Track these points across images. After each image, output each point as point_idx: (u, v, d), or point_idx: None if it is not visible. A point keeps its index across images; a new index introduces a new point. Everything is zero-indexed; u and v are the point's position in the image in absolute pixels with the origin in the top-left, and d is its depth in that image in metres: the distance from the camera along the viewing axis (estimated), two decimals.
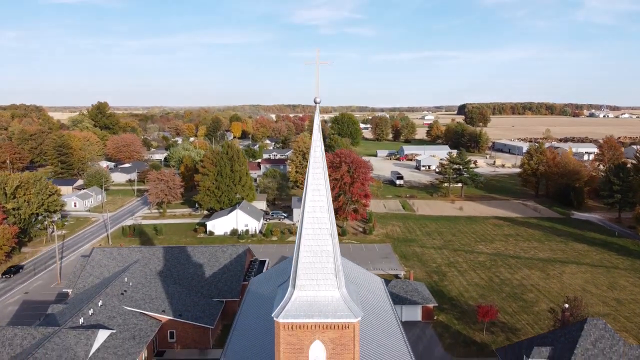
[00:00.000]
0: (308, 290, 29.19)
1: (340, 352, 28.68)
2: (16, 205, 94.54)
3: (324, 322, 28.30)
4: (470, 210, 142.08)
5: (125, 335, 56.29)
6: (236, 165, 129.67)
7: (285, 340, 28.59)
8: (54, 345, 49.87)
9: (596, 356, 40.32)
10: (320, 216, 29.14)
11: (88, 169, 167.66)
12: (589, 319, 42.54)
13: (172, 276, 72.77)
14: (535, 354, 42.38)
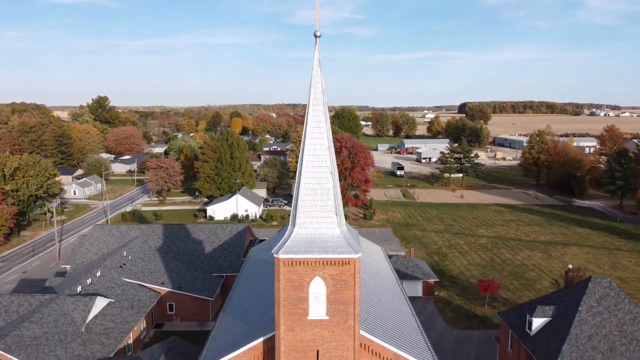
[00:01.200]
0: (308, 227, 28.74)
1: (341, 288, 28.21)
2: (15, 187, 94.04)
3: (324, 257, 27.83)
4: (471, 198, 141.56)
5: (124, 304, 55.78)
6: (236, 152, 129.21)
7: (285, 276, 28.11)
8: (51, 310, 49.36)
9: (601, 313, 39.76)
10: (321, 154, 28.67)
11: (88, 158, 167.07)
12: (593, 277, 41.97)
13: (172, 252, 72.27)
14: (538, 313, 41.84)
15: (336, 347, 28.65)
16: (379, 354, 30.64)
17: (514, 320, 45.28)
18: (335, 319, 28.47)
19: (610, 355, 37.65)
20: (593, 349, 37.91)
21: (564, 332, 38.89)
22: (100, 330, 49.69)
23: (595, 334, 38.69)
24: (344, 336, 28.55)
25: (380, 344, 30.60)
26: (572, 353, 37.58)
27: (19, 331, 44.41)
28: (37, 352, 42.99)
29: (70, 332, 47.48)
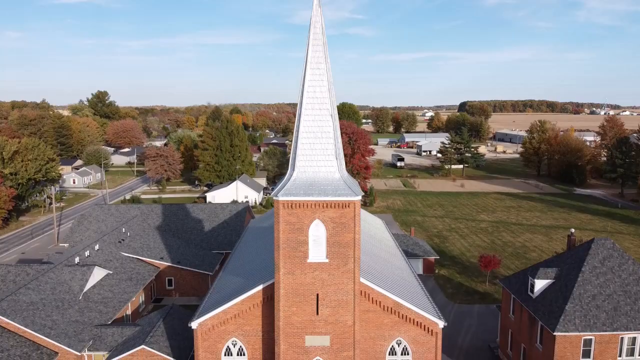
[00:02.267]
0: (308, 171, 28.31)
1: (341, 231, 27.74)
2: (13, 170, 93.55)
3: (323, 200, 27.37)
4: (472, 187, 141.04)
5: (122, 276, 55.31)
6: (236, 140, 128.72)
7: (284, 219, 27.65)
8: (48, 279, 48.88)
9: (605, 274, 39.23)
10: (321, 96, 28.21)
11: (87, 148, 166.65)
12: (596, 239, 41.45)
13: (171, 230, 71.78)
14: (540, 275, 41.30)
15: (336, 291, 28.19)
16: (379, 302, 30.16)
17: (516, 285, 44.77)
18: (335, 262, 28.01)
19: (615, 315, 37.13)
20: (597, 308, 37.39)
21: (567, 292, 38.36)
22: (98, 299, 49.20)
23: (599, 293, 38.17)
24: (344, 279, 28.09)
25: (381, 291, 30.13)
26: (575, 312, 37.06)
27: (15, 296, 43.94)
28: (33, 316, 42.49)
29: (68, 299, 46.98)
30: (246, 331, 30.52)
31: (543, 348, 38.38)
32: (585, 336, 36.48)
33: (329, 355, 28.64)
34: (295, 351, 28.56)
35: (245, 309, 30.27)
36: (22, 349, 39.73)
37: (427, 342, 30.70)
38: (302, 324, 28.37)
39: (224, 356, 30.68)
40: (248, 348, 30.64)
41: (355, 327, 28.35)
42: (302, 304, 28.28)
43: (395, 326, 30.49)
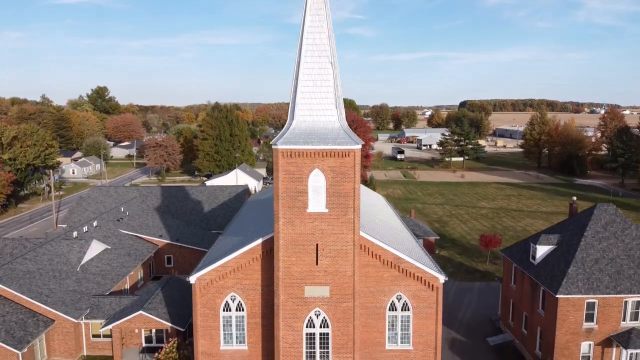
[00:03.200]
0: (307, 120, 27.93)
1: (340, 181, 27.35)
2: (12, 155, 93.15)
3: (323, 148, 26.99)
4: (472, 177, 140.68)
5: (120, 252, 54.89)
6: (235, 130, 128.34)
7: (284, 168, 27.26)
8: (45, 250, 48.51)
9: (607, 238, 38.82)
10: (320, 43, 27.81)
11: (87, 139, 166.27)
12: (598, 204, 41.07)
13: (170, 211, 71.40)
14: (542, 241, 40.89)
15: (335, 241, 27.79)
16: (378, 256, 29.77)
17: (517, 254, 44.39)
18: (334, 212, 27.62)
19: (618, 278, 36.72)
20: (600, 271, 36.98)
21: (569, 256, 37.96)
22: (95, 272, 48.81)
23: (602, 257, 37.77)
24: (344, 229, 27.70)
25: (381, 245, 29.75)
26: (578, 275, 36.64)
27: (11, 265, 43.56)
28: (30, 284, 42.10)
29: (65, 270, 46.59)
30: (245, 286, 30.11)
31: (545, 313, 37.97)
32: (589, 299, 36.06)
33: (328, 307, 28.24)
34: (294, 302, 28.15)
35: (244, 263, 29.86)
36: (18, 316, 39.33)
37: (428, 298, 30.31)
38: (301, 274, 27.97)
39: (223, 311, 30.27)
40: (247, 303, 30.22)
41: (355, 277, 27.96)
42: (302, 254, 27.87)
43: (396, 281, 30.09)
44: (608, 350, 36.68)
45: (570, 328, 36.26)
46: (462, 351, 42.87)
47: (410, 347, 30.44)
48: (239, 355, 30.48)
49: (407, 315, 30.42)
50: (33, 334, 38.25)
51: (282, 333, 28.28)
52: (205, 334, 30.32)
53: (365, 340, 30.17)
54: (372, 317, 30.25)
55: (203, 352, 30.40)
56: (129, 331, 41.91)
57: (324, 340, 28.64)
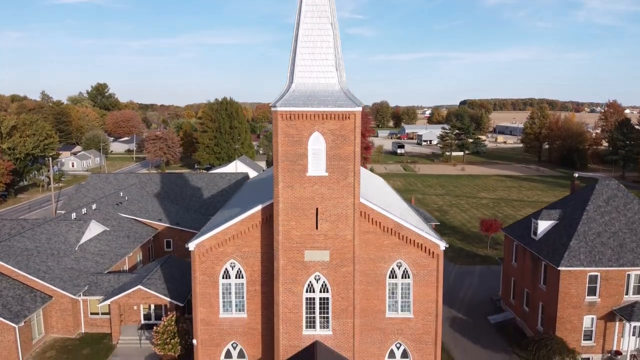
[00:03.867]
0: (307, 82, 27.64)
1: (340, 144, 27.06)
2: (11, 145, 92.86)
3: (323, 110, 26.68)
4: (472, 171, 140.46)
5: (119, 234, 54.60)
6: (235, 122, 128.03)
7: (283, 131, 26.97)
8: (44, 230, 48.25)
9: (610, 212, 38.53)
10: (320, 3, 27.49)
11: (86, 133, 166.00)
12: (600, 179, 40.77)
13: (170, 197, 71.10)
14: (544, 216, 40.60)
15: (336, 205, 27.49)
16: (379, 223, 29.45)
17: (518, 231, 44.12)
18: (334, 176, 27.32)
19: (621, 251, 36.44)
20: (602, 244, 36.70)
21: (571, 230, 37.69)
22: (94, 251, 48.52)
23: (604, 231, 37.50)
24: (344, 193, 27.39)
25: (381, 212, 29.43)
26: (580, 248, 36.37)
27: (9, 242, 43.29)
28: (27, 260, 41.82)
29: (63, 249, 46.30)
30: (245, 253, 29.80)
31: (547, 287, 37.69)
32: (591, 272, 35.78)
33: (328, 271, 27.93)
34: (294, 266, 27.84)
35: (244, 230, 29.55)
36: (16, 291, 39.04)
37: (429, 265, 29.99)
38: (301, 238, 27.67)
39: (222, 279, 29.97)
40: (247, 270, 29.91)
41: (355, 242, 27.65)
42: (302, 218, 27.57)
43: (396, 248, 29.77)
44: (611, 324, 36.40)
45: (572, 302, 35.98)
46: (463, 329, 42.62)
47: (411, 315, 30.12)
48: (238, 323, 30.18)
49: (407, 283, 30.11)
50: (30, 308, 37.97)
51: (281, 298, 27.98)
52: (205, 301, 30.01)
53: (366, 308, 29.86)
54: (372, 284, 29.94)
55: (202, 320, 30.09)
56: (127, 308, 41.64)
57: (324, 305, 28.34)
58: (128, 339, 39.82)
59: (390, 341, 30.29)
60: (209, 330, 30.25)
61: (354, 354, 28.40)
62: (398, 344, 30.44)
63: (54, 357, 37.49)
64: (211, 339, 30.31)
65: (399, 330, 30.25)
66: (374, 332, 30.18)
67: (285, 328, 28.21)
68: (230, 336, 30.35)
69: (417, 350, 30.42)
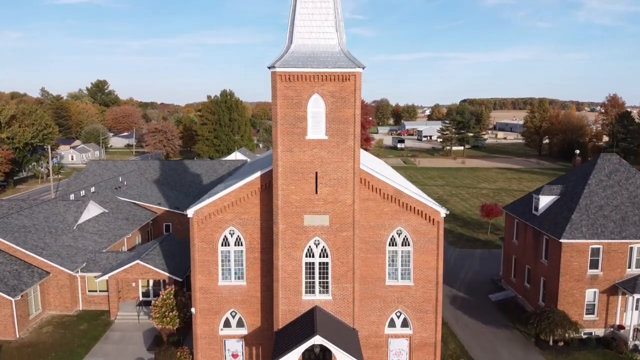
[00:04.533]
0: (306, 43, 27.30)
1: (340, 106, 26.75)
2: (10, 134, 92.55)
3: (323, 71, 26.35)
4: (473, 164, 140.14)
5: (118, 216, 54.28)
6: (235, 114, 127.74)
7: (282, 93, 26.65)
8: (42, 209, 47.96)
9: (612, 186, 38.22)
10: None
11: (86, 127, 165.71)
12: (602, 154, 40.51)
13: (169, 183, 70.80)
14: (545, 192, 40.32)
15: (336, 169, 27.17)
16: (379, 190, 29.13)
17: (519, 208, 43.84)
18: (334, 139, 26.99)
19: (623, 224, 36.16)
20: (604, 217, 36.42)
21: (573, 204, 37.40)
22: (92, 231, 48.22)
23: (606, 204, 37.21)
24: (344, 157, 27.07)
25: (381, 178, 29.13)
26: (582, 221, 36.08)
27: (6, 220, 42.98)
28: (25, 237, 41.52)
29: (61, 228, 46.01)
30: (244, 220, 29.47)
31: (549, 262, 37.40)
32: (593, 244, 35.50)
33: (328, 236, 27.60)
34: (293, 231, 27.51)
35: (243, 197, 29.22)
36: (12, 267, 38.74)
37: (429, 232, 29.66)
38: (300, 202, 27.34)
39: (221, 246, 29.64)
40: (246, 237, 29.57)
41: (355, 206, 27.32)
42: (301, 182, 27.25)
43: (396, 215, 29.44)
44: (614, 298, 36.10)
45: (574, 275, 35.69)
46: (464, 307, 42.34)
47: (411, 283, 29.79)
48: (237, 291, 29.85)
49: (407, 251, 29.78)
50: (27, 283, 37.66)
51: (281, 262, 27.65)
52: (203, 269, 29.67)
53: (366, 275, 29.54)
54: (372, 252, 29.62)
55: (201, 288, 29.76)
56: (125, 284, 41.35)
57: (323, 270, 28.01)
58: (126, 314, 39.53)
59: (390, 309, 29.98)
60: (208, 299, 29.92)
61: (354, 319, 28.09)
62: (398, 313, 30.12)
63: (50, 332, 37.19)
64: (210, 308, 29.98)
65: (399, 299, 29.93)
66: (373, 300, 29.86)
67: (285, 293, 27.89)
68: (229, 304, 30.02)
69: (418, 319, 30.11)
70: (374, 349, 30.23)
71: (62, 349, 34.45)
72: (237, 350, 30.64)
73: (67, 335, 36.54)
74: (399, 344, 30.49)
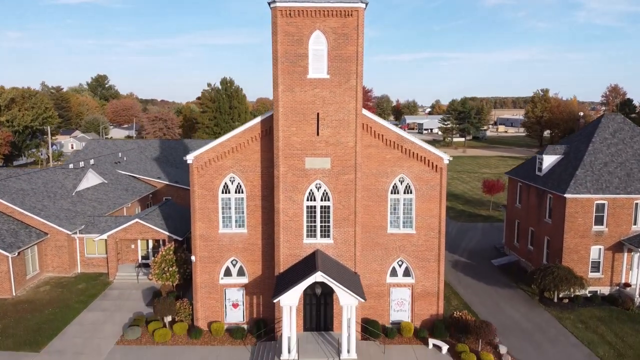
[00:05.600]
0: None
1: (343, 44, 26.30)
2: (10, 117, 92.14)
3: (325, 6, 25.85)
4: (474, 153, 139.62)
5: (118, 186, 53.87)
6: (235, 102, 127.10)
7: (282, 29, 26.19)
8: (40, 175, 47.58)
9: (616, 144, 37.74)
10: None
11: (86, 117, 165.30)
12: (605, 114, 39.98)
13: (169, 161, 70.28)
14: (549, 151, 39.86)
15: (337, 110, 26.72)
16: (381, 136, 28.70)
17: (522, 172, 43.42)
18: (336, 79, 26.54)
19: (628, 180, 35.70)
20: (609, 174, 35.96)
21: (577, 161, 36.95)
22: (92, 197, 47.80)
23: (610, 161, 36.77)
24: (346, 97, 26.61)
25: (384, 124, 28.73)
26: (587, 176, 35.63)
27: (5, 182, 42.56)
28: (23, 199, 41.08)
29: (60, 193, 45.59)
30: (244, 167, 29.01)
31: (553, 219, 36.95)
32: (598, 200, 35.03)
33: (329, 179, 27.13)
34: (294, 174, 27.04)
35: (243, 142, 28.77)
36: (10, 226, 38.29)
37: (432, 179, 29.19)
38: (301, 144, 26.87)
39: (222, 193, 29.18)
40: (247, 185, 29.11)
41: (357, 148, 26.84)
42: (302, 123, 26.79)
43: (398, 162, 28.97)
44: (619, 255, 35.61)
45: (579, 231, 35.23)
46: (466, 270, 41.90)
47: (413, 231, 29.33)
48: (238, 238, 29.37)
49: (409, 198, 29.31)
50: (25, 241, 37.21)
51: (282, 206, 27.18)
52: (204, 216, 29.20)
53: (367, 224, 29.09)
54: (374, 199, 29.16)
55: (201, 236, 29.29)
56: (125, 246, 40.92)
57: (324, 213, 27.56)
58: (125, 275, 39.10)
59: (392, 257, 29.53)
60: (208, 247, 29.48)
61: (356, 263, 27.64)
62: (400, 262, 29.68)
63: (48, 291, 36.75)
64: (210, 256, 29.55)
65: (401, 247, 29.49)
66: (375, 248, 29.42)
67: (286, 236, 27.44)
68: (230, 252, 29.58)
69: (420, 268, 29.66)
70: (376, 298, 29.79)
71: (60, 305, 34.00)
72: (237, 300, 30.22)
73: (64, 293, 36.11)
74: (401, 293, 30.06)
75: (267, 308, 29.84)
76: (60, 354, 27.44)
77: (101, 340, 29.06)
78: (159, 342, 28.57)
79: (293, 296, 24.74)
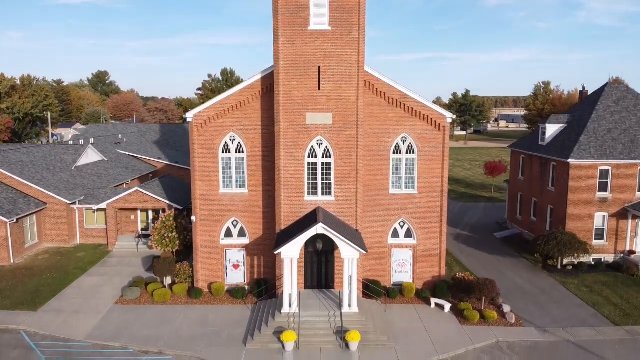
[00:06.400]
0: None
1: None
2: (10, 104, 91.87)
3: None
4: (475, 145, 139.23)
5: (118, 164, 53.56)
6: None
7: None
8: (39, 150, 47.27)
9: (620, 112, 37.38)
10: None
11: (86, 109, 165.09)
12: (609, 82, 39.61)
13: (169, 145, 69.99)
14: (552, 120, 39.52)
15: (339, 63, 26.36)
16: (384, 94, 28.36)
17: (525, 144, 43.12)
18: (338, 31, 26.18)
19: (632, 146, 35.35)
20: (613, 140, 35.62)
21: (581, 129, 36.60)
22: (91, 172, 47.50)
23: (614, 128, 36.42)
24: (348, 50, 26.25)
25: (387, 81, 28.35)
26: (590, 143, 35.29)
27: (3, 154, 42.25)
28: (22, 169, 40.78)
29: (60, 167, 45.30)
30: (245, 126, 28.68)
31: (556, 187, 36.59)
32: (602, 166, 34.69)
33: (331, 135, 26.79)
34: (295, 129, 26.69)
35: (244, 101, 28.42)
36: (9, 195, 37.96)
37: (434, 138, 28.83)
38: (302, 99, 26.52)
39: (222, 152, 28.83)
40: (247, 144, 28.77)
41: (359, 103, 26.49)
42: (303, 77, 26.43)
43: (401, 121, 28.63)
44: (623, 222, 35.27)
45: (582, 197, 34.87)
46: (468, 241, 41.57)
47: (415, 192, 28.98)
48: (238, 199, 29.04)
49: (412, 158, 28.96)
50: (23, 209, 36.90)
51: (283, 162, 26.83)
52: (204, 176, 28.86)
53: (369, 184, 28.76)
54: (376, 159, 28.82)
55: (201, 196, 28.96)
56: (124, 218, 40.62)
57: (326, 170, 27.21)
58: (125, 244, 38.79)
59: (393, 218, 29.18)
60: (209, 207, 29.15)
61: (357, 221, 27.29)
62: (402, 222, 29.33)
63: (47, 259, 36.44)
64: (211, 216, 29.21)
65: (403, 208, 29.15)
66: (377, 208, 29.07)
67: (287, 194, 27.09)
68: (231, 213, 29.24)
69: (422, 229, 29.32)
70: (378, 259, 29.47)
71: (59, 271, 33.69)
72: (238, 261, 29.89)
73: (63, 261, 35.81)
74: (403, 255, 29.72)
75: (268, 268, 29.52)
76: (57, 313, 27.13)
77: (100, 300, 28.75)
78: (159, 302, 28.26)
79: (294, 248, 24.39)
